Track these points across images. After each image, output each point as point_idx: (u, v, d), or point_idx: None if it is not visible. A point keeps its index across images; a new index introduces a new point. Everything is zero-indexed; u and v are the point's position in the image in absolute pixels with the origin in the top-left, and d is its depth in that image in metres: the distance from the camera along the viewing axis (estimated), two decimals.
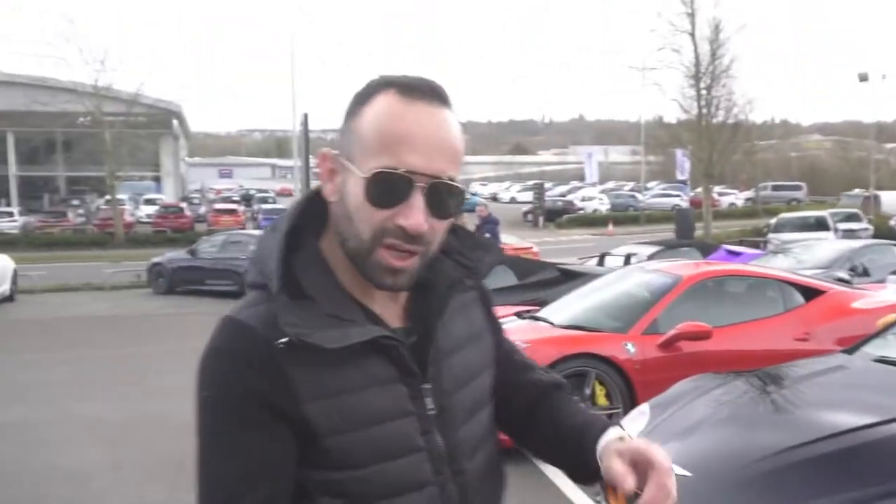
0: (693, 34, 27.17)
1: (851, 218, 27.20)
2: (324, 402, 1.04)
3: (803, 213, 26.68)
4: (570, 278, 9.57)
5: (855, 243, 13.65)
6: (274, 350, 1.02)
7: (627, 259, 12.01)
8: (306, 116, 29.57)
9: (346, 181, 1.06)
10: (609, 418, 3.75)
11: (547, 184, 49.08)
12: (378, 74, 1.10)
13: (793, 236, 21.33)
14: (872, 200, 33.64)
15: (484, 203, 14.75)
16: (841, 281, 8.29)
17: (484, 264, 1.22)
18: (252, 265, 1.12)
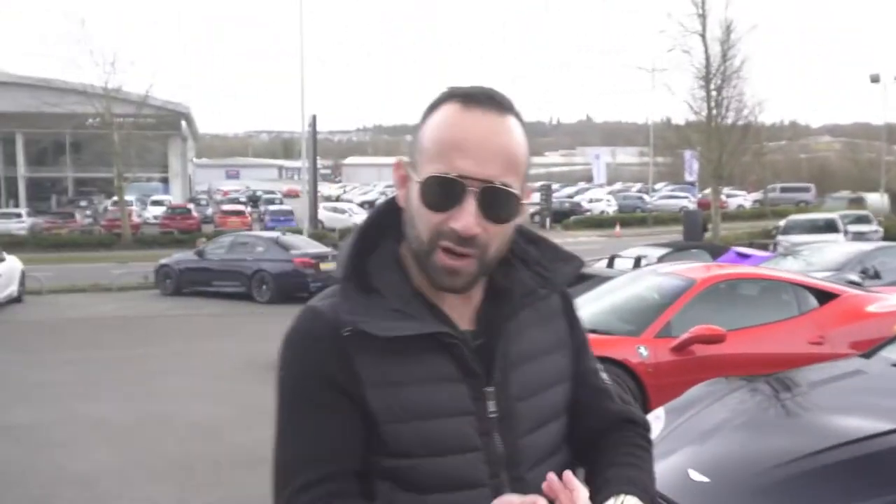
0: (704, 35, 27.05)
1: (861, 220, 27.04)
2: (383, 391, 1.11)
3: (812, 216, 26.54)
4: (581, 280, 9.52)
5: (866, 246, 13.53)
6: (341, 337, 1.11)
7: (637, 261, 11.94)
8: (314, 118, 29.69)
9: (411, 186, 1.13)
10: None
11: (554, 185, 48.97)
12: (447, 87, 1.16)
13: (802, 238, 21.20)
14: (858, 203, 33.41)
15: None
16: (852, 284, 8.20)
17: (561, 275, 1.24)
18: (336, 261, 1.22)
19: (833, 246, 15.03)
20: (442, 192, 1.07)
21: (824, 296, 6.24)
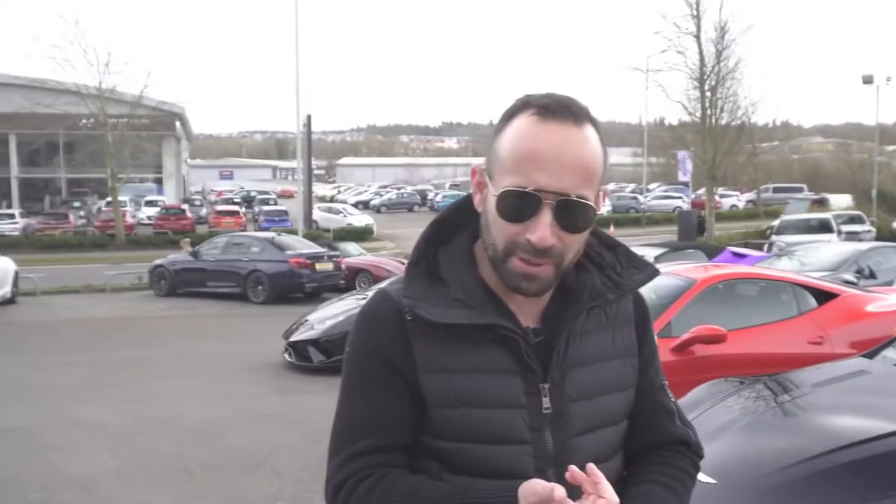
0: (698, 36, 27.12)
1: (854, 220, 27.19)
2: (436, 376, 1.15)
3: (806, 216, 26.65)
4: None
5: (861, 245, 13.58)
6: (404, 321, 1.17)
7: None
8: (309, 118, 29.56)
9: (487, 195, 1.16)
10: None
11: None
12: (523, 94, 1.17)
13: (796, 238, 21.29)
14: (820, 203, 33.33)
15: None
16: (848, 283, 8.22)
17: (631, 282, 1.25)
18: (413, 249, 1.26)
19: (828, 246, 15.09)
20: (518, 205, 1.10)
21: (823, 295, 6.23)
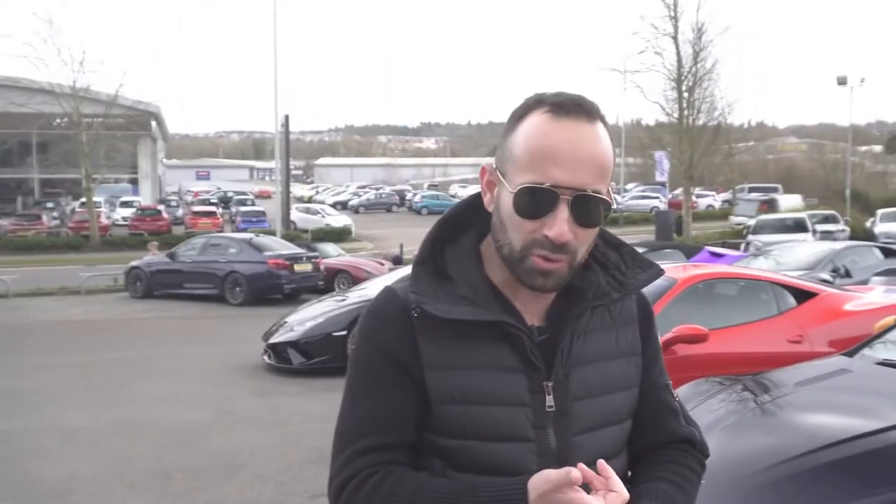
0: (676, 37, 27.31)
1: (829, 220, 27.55)
2: (442, 373, 1.16)
3: (782, 215, 26.96)
4: None
5: (836, 245, 13.73)
6: (410, 318, 1.17)
7: None
8: (287, 118, 29.38)
9: (500, 193, 1.17)
10: None
11: None
12: (534, 92, 1.18)
13: (772, 238, 21.53)
14: (770, 204, 33.52)
15: None
16: (824, 282, 8.30)
17: (636, 281, 1.25)
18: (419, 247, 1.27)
19: (804, 245, 15.25)
20: (535, 202, 1.11)
21: (802, 294, 6.28)
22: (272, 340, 9.31)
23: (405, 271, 1.44)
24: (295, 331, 9.24)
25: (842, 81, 35.57)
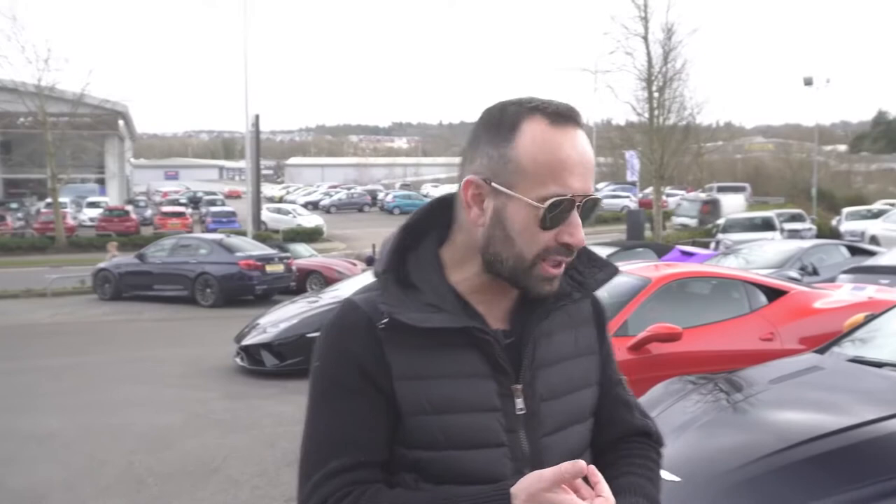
0: (646, 38, 27.56)
1: (795, 218, 28.02)
2: (413, 384, 1.13)
3: (751, 214, 27.35)
4: None
5: (804, 243, 13.94)
6: (376, 329, 1.14)
7: None
8: (257, 118, 29.19)
9: (506, 206, 1.13)
10: None
11: None
12: (512, 97, 1.17)
13: (741, 236, 21.84)
14: (712, 205, 33.61)
15: None
16: (793, 280, 8.43)
17: (593, 281, 1.26)
18: (378, 256, 1.24)
19: (772, 243, 15.46)
20: (561, 213, 1.12)
21: (773, 293, 6.37)
22: (245, 342, 9.23)
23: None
24: (268, 332, 9.17)
25: (808, 82, 36.20)
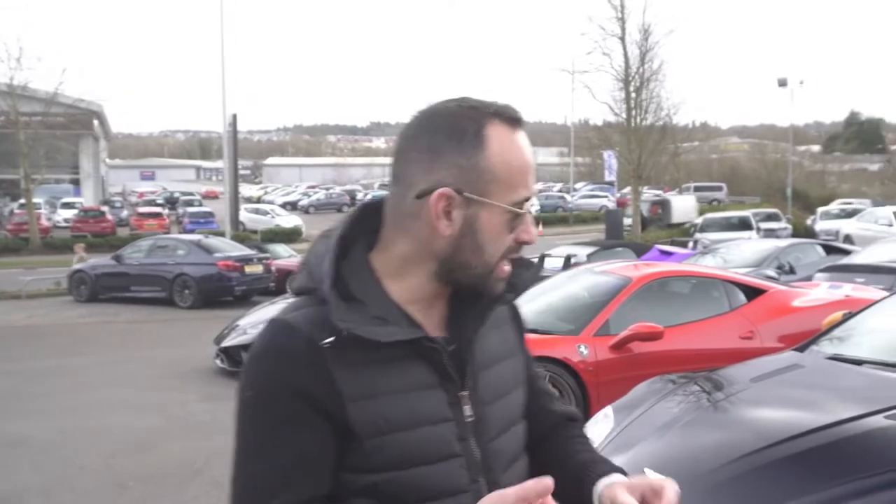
0: (623, 38, 27.76)
1: (771, 218, 28.33)
2: (366, 403, 1.07)
3: (728, 213, 27.62)
4: None
5: (781, 242, 14.11)
6: (319, 350, 1.05)
7: (567, 260, 12.10)
8: (235, 117, 28.94)
9: (478, 214, 1.11)
10: None
11: None
12: (449, 99, 1.15)
13: (719, 236, 22.05)
14: (661, 206, 33.83)
15: None
16: (770, 279, 8.53)
17: (521, 280, 1.24)
18: (300, 270, 1.17)
19: (749, 243, 15.63)
20: (522, 213, 1.15)
21: (752, 291, 6.44)
22: (225, 344, 9.16)
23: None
24: (248, 334, 9.10)
25: (782, 83, 36.62)
